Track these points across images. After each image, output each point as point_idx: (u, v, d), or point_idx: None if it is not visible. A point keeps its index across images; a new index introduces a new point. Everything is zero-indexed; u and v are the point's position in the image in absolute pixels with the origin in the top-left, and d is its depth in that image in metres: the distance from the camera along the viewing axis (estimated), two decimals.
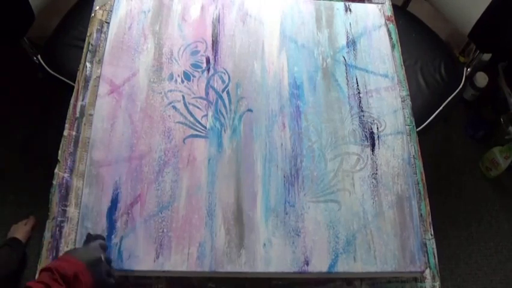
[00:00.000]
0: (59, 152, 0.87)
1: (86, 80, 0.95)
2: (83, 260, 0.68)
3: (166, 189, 0.82)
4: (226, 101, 0.92)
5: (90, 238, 0.76)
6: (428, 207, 0.90)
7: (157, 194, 0.82)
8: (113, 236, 0.78)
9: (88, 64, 0.97)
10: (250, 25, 1.02)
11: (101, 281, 0.69)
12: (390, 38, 1.06)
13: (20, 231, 1.47)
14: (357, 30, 1.04)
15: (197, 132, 0.88)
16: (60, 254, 0.79)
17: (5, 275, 1.34)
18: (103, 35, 1.00)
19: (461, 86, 1.37)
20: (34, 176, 1.51)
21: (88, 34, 1.00)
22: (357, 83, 0.97)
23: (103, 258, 0.71)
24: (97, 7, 1.04)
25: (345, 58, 1.00)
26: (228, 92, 0.93)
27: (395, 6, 1.15)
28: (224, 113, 0.91)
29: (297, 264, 0.79)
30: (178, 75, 0.94)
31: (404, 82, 1.02)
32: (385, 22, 1.07)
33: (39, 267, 0.78)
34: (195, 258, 0.78)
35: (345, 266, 0.79)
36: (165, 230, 0.79)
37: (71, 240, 0.80)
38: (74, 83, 0.95)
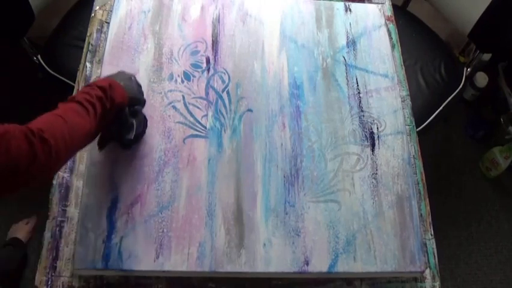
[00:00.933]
0: None
1: (86, 80, 0.95)
2: (116, 78, 0.76)
3: (166, 189, 0.82)
4: (226, 101, 0.92)
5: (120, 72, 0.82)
6: (428, 207, 0.90)
7: (157, 194, 0.82)
8: (113, 236, 0.78)
9: (88, 64, 0.97)
10: (250, 25, 1.02)
11: (134, 95, 0.78)
12: (390, 38, 1.06)
13: (21, 231, 1.47)
14: (357, 30, 1.04)
15: (197, 132, 0.88)
16: (61, 253, 0.79)
17: (6, 274, 1.35)
18: (103, 35, 1.00)
19: (461, 86, 1.37)
20: None
21: (88, 34, 1.00)
22: (357, 83, 0.97)
23: (133, 78, 0.80)
24: (97, 7, 1.04)
25: (345, 58, 1.00)
26: (228, 92, 0.93)
27: (395, 6, 1.15)
28: (224, 113, 0.91)
29: (297, 264, 0.79)
30: (178, 75, 0.94)
31: (404, 82, 1.02)
32: (385, 22, 1.07)
33: (39, 267, 0.78)
34: (195, 258, 0.78)
35: (345, 266, 0.79)
36: (165, 230, 0.79)
37: (71, 240, 0.80)
38: (74, 83, 0.95)
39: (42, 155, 0.55)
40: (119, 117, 0.75)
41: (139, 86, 0.82)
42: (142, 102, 0.82)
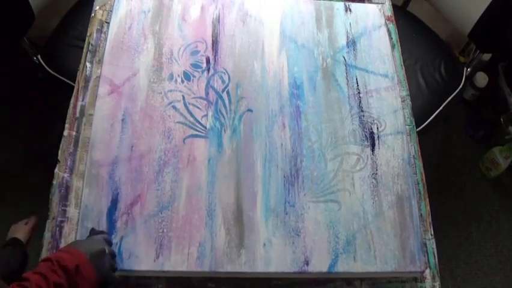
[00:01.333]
0: (59, 152, 0.87)
1: (86, 80, 0.95)
2: (85, 251, 0.64)
3: (166, 189, 0.82)
4: (226, 101, 0.92)
5: (93, 232, 0.75)
6: (428, 207, 0.90)
7: (157, 194, 0.82)
8: (113, 236, 0.78)
9: (88, 64, 0.97)
10: (250, 25, 1.02)
11: (104, 275, 0.66)
12: (390, 38, 1.06)
13: (21, 231, 1.46)
14: (357, 30, 1.04)
15: (197, 132, 0.88)
16: None
17: (6, 275, 1.34)
18: (103, 35, 1.00)
19: (461, 86, 1.37)
20: (34, 176, 1.51)
21: (88, 34, 1.00)
22: (357, 83, 0.97)
23: (107, 251, 0.68)
24: (97, 7, 1.04)
25: (345, 58, 1.00)
26: (228, 92, 0.93)
27: (395, 6, 1.15)
28: (224, 113, 0.91)
29: (297, 264, 0.79)
30: (178, 75, 0.94)
31: (404, 82, 1.02)
32: (385, 22, 1.07)
33: None
34: (195, 258, 0.78)
35: (345, 266, 0.79)
36: (165, 230, 0.79)
37: (71, 240, 0.80)
38: (74, 83, 0.95)
39: None
40: None
41: (114, 256, 0.72)
42: (114, 282, 0.69)
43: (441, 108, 1.32)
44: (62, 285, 0.58)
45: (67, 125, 0.90)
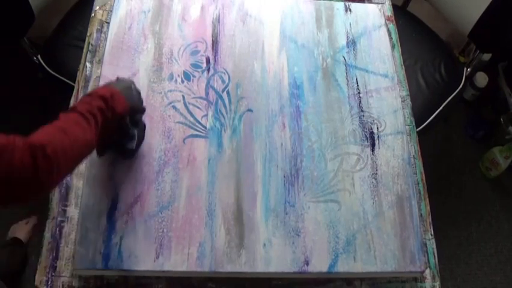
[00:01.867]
0: None
1: (86, 80, 0.95)
2: (116, 86, 0.74)
3: (166, 189, 0.82)
4: (226, 101, 0.92)
5: (120, 79, 0.81)
6: (428, 207, 0.90)
7: (157, 194, 0.82)
8: (113, 236, 0.78)
9: (88, 64, 0.97)
10: (250, 25, 1.02)
11: (134, 103, 0.77)
12: (390, 38, 1.06)
13: (21, 230, 1.47)
14: (357, 30, 1.04)
15: (197, 132, 0.88)
16: (60, 253, 0.79)
17: (7, 275, 1.34)
18: (103, 35, 1.00)
19: (461, 86, 1.37)
20: None
21: (88, 34, 1.00)
22: (357, 83, 0.97)
23: (133, 87, 0.78)
24: (97, 7, 1.04)
25: (345, 58, 1.00)
26: (228, 92, 0.93)
27: (395, 6, 1.15)
28: (224, 113, 0.91)
29: (297, 264, 0.79)
30: (178, 75, 0.94)
31: (404, 82, 1.02)
32: (385, 22, 1.07)
33: (39, 267, 0.78)
34: (195, 258, 0.78)
35: (345, 266, 0.79)
36: (165, 230, 0.79)
37: (71, 240, 0.80)
38: (74, 83, 0.95)
39: (44, 171, 0.55)
40: (120, 127, 0.75)
41: (139, 93, 0.81)
42: (142, 110, 0.82)
43: (441, 108, 1.32)
44: (103, 108, 0.67)
45: None
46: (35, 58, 1.30)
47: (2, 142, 0.52)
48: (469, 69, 1.41)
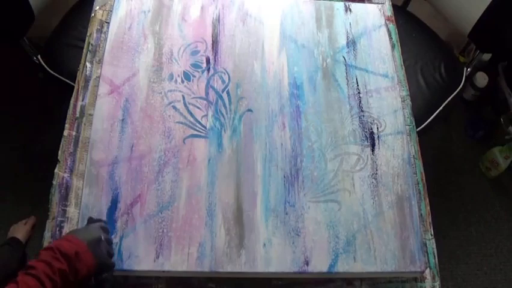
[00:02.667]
0: (59, 152, 0.87)
1: (86, 80, 0.95)
2: (84, 239, 0.68)
3: (166, 189, 0.82)
4: (226, 101, 0.92)
5: (91, 221, 0.76)
6: (428, 207, 0.90)
7: (157, 194, 0.82)
8: (113, 236, 0.78)
9: (88, 64, 0.97)
10: (250, 25, 1.02)
11: (102, 261, 0.70)
12: (390, 38, 1.06)
13: (20, 231, 1.47)
14: (357, 30, 1.04)
15: (197, 132, 0.88)
16: None
17: (5, 274, 1.34)
18: (103, 35, 1.00)
19: (461, 86, 1.37)
20: (34, 176, 1.51)
21: (88, 34, 1.00)
22: (357, 83, 0.97)
23: (103, 238, 0.71)
24: (97, 7, 1.04)
25: (345, 58, 1.00)
26: (228, 92, 0.93)
27: (395, 6, 1.15)
28: (224, 113, 0.91)
29: (297, 264, 0.79)
30: (178, 75, 0.94)
31: (404, 82, 1.02)
32: (385, 22, 1.07)
33: None
34: (195, 258, 0.78)
35: (345, 266, 0.79)
36: (165, 230, 0.79)
37: None
38: (74, 83, 0.95)
39: None
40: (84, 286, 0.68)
41: (111, 243, 0.75)
42: (110, 267, 0.73)
43: (441, 108, 1.32)
44: (65, 271, 0.62)
45: (66, 125, 0.90)
46: (35, 58, 1.30)
47: None
48: (469, 69, 1.41)
